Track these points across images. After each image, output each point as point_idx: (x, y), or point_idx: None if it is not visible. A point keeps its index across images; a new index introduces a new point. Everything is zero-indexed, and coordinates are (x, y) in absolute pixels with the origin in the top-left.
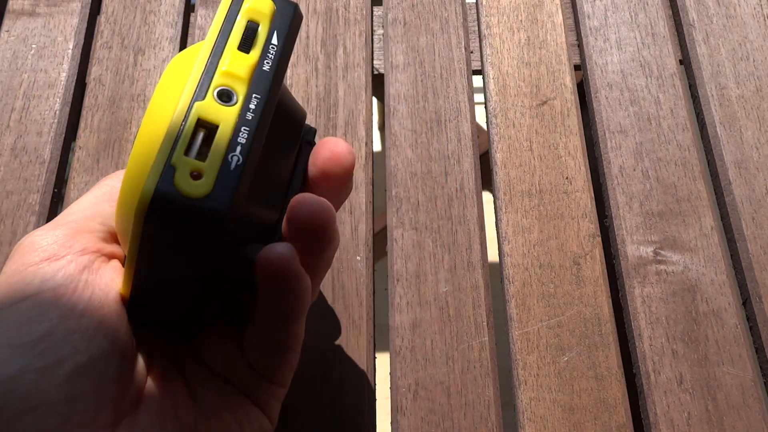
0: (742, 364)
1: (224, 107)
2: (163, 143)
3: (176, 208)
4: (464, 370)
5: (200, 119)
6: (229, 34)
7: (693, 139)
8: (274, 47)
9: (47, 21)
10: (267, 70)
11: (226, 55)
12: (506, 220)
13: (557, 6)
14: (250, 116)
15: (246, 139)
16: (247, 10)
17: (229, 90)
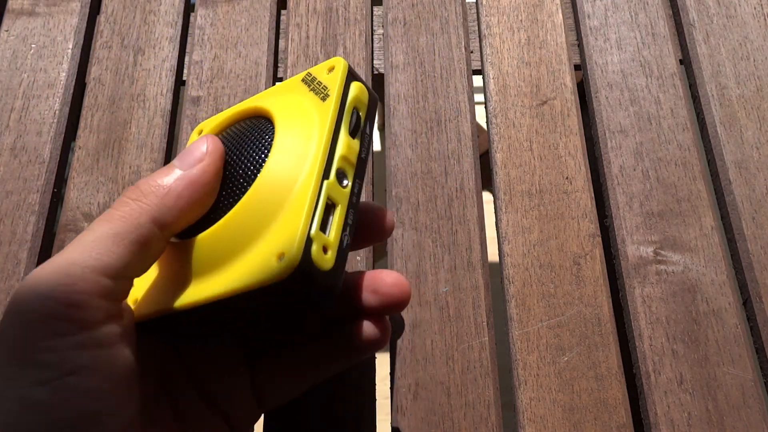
0: (742, 365)
1: (341, 189)
2: (305, 212)
3: (310, 277)
4: (464, 370)
5: (329, 197)
6: (342, 117)
7: (693, 139)
8: (367, 136)
9: (47, 21)
10: (363, 157)
11: (341, 139)
12: (506, 220)
13: (557, 6)
14: (354, 200)
15: (352, 221)
16: (354, 97)
17: (344, 173)
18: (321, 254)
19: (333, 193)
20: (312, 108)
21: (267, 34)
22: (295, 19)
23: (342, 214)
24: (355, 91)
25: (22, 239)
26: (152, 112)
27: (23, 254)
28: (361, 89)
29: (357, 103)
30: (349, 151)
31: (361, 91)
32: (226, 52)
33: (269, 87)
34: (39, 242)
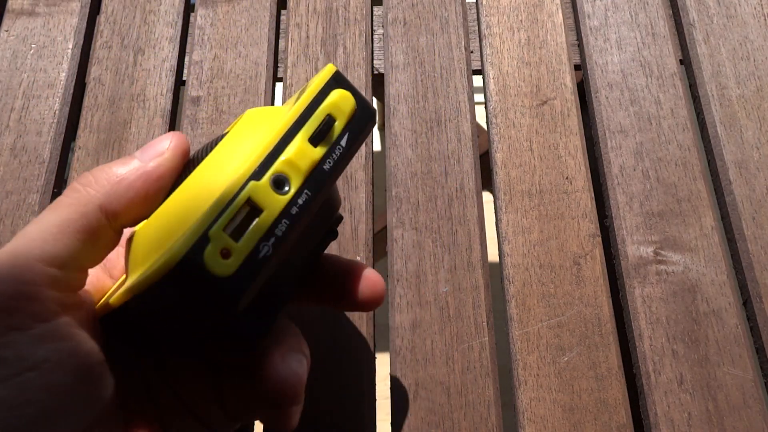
0: (742, 365)
1: (275, 194)
2: (209, 209)
3: (195, 279)
4: (464, 370)
5: (250, 199)
6: (306, 122)
7: (693, 139)
8: (340, 149)
9: (47, 21)
10: (326, 169)
11: (294, 143)
12: (506, 220)
13: (557, 6)
14: (295, 210)
15: (282, 233)
16: (331, 103)
17: (285, 179)
18: (216, 256)
19: (259, 196)
20: (279, 113)
21: (267, 34)
22: (295, 19)
23: (267, 220)
24: (334, 98)
25: None
26: (152, 112)
27: None
28: (344, 97)
29: (333, 109)
30: (300, 157)
31: (343, 99)
32: (226, 52)
33: (269, 87)
34: None
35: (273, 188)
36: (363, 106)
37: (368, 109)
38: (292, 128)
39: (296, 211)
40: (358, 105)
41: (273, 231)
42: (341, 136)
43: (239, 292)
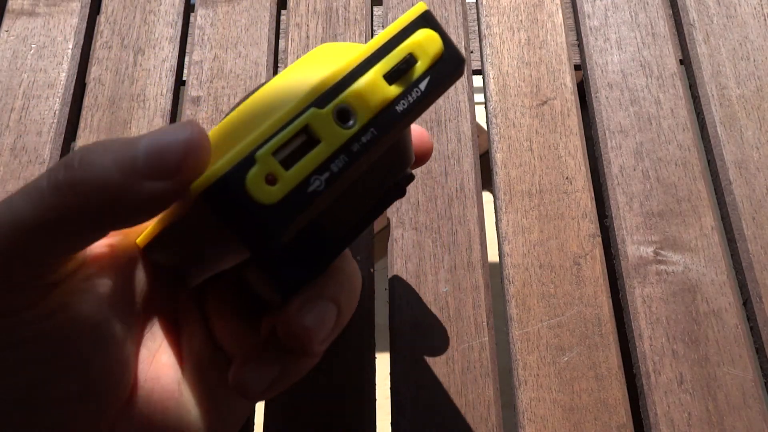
0: (742, 365)
1: (337, 126)
2: (260, 131)
3: (233, 203)
4: (464, 370)
5: (308, 126)
6: (383, 57)
7: (693, 139)
8: (418, 92)
9: (47, 21)
10: (399, 110)
11: (367, 76)
12: (506, 220)
13: (557, 6)
14: (356, 148)
15: (339, 169)
16: (414, 42)
17: (351, 111)
18: (260, 181)
19: (318, 124)
20: (356, 48)
21: (267, 34)
22: (295, 19)
23: (324, 153)
24: (420, 37)
25: None
26: (152, 112)
27: None
28: (430, 38)
29: (416, 49)
30: (371, 92)
31: (429, 40)
32: (226, 52)
33: None
34: None
35: (335, 120)
36: (451, 52)
37: (456, 56)
38: (367, 61)
39: (358, 149)
40: (445, 49)
41: (328, 165)
42: (421, 79)
43: (280, 225)
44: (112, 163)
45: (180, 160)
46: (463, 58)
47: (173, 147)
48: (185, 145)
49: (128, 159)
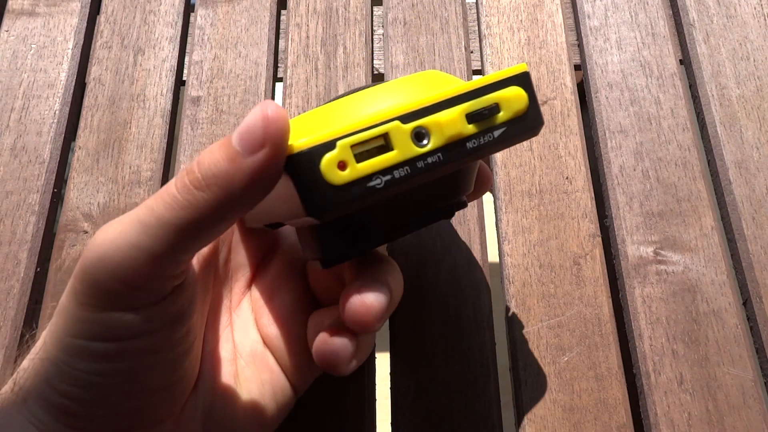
0: (742, 365)
1: (411, 142)
2: (349, 124)
3: (306, 174)
4: (464, 370)
5: (387, 134)
6: (471, 99)
7: (693, 139)
8: (490, 137)
9: (47, 21)
10: (468, 146)
11: (451, 110)
12: (506, 220)
13: (557, 6)
14: (420, 164)
15: (400, 177)
16: (504, 95)
17: (426, 134)
18: (333, 164)
19: (396, 135)
20: (455, 83)
21: (267, 34)
22: (295, 19)
23: (392, 159)
24: (510, 92)
25: (22, 239)
26: (152, 112)
27: (23, 254)
28: (519, 96)
29: (503, 101)
30: (449, 124)
31: (517, 97)
32: (226, 52)
33: (269, 87)
34: (39, 242)
35: (412, 136)
36: (533, 114)
37: (536, 119)
38: (457, 98)
39: (421, 166)
40: (529, 110)
41: (392, 171)
42: (497, 128)
43: (336, 203)
44: (220, 155)
45: (263, 131)
46: (541, 121)
47: (256, 123)
48: (263, 119)
49: (228, 146)
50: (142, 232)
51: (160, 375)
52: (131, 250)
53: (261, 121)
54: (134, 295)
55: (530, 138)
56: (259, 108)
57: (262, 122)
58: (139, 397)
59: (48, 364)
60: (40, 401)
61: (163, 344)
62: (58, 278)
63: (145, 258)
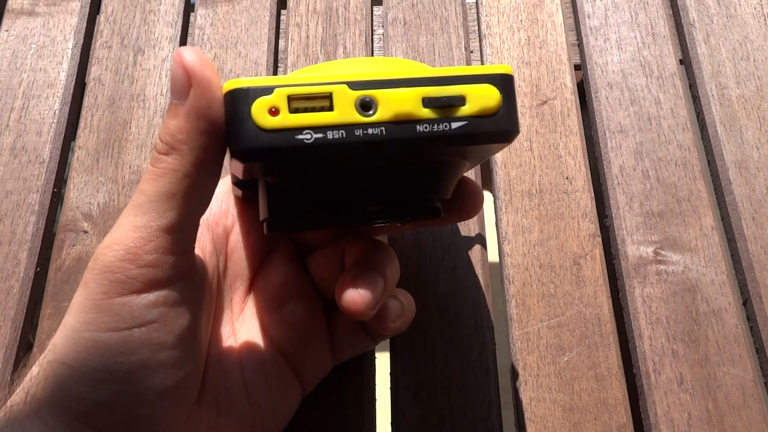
0: (742, 365)
1: (354, 108)
2: (295, 77)
3: (237, 111)
4: (464, 370)
5: (332, 95)
6: (435, 84)
7: (693, 139)
8: (445, 127)
9: (47, 20)
10: (418, 130)
11: (408, 89)
12: (506, 220)
13: (557, 6)
14: (358, 132)
15: (333, 138)
16: (473, 89)
17: (373, 105)
18: (264, 107)
19: (339, 98)
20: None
21: (267, 34)
22: (295, 19)
23: (328, 119)
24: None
25: (22, 239)
26: (152, 112)
27: (23, 254)
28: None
29: (470, 95)
30: (400, 101)
31: (488, 95)
32: (226, 52)
33: None
34: (39, 242)
35: (356, 103)
36: (505, 118)
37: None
38: (419, 79)
39: (358, 134)
40: (499, 112)
41: (325, 129)
42: (455, 120)
43: (256, 145)
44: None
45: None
46: (514, 128)
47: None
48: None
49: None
50: (138, 211)
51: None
52: (133, 229)
53: (179, 67)
54: (144, 275)
55: (499, 144)
56: (175, 55)
57: (180, 68)
58: (149, 402)
59: (58, 365)
60: (52, 408)
61: (170, 339)
62: (58, 278)
63: (147, 233)
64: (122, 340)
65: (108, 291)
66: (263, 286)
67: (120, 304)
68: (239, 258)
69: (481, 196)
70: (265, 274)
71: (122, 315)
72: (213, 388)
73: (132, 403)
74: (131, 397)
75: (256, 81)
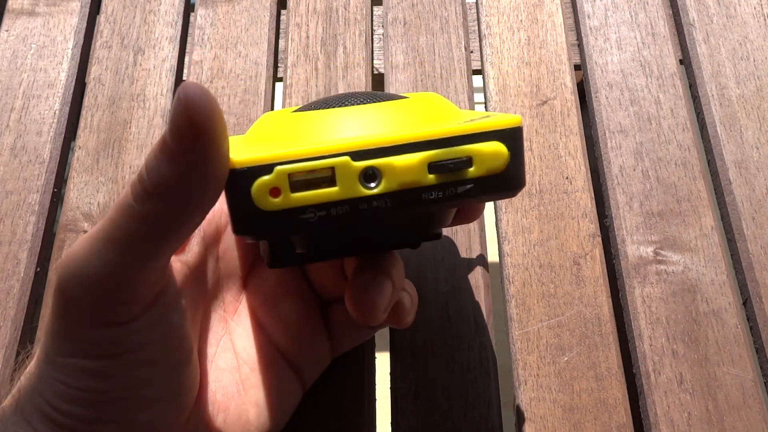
0: (742, 364)
1: (358, 181)
2: (294, 151)
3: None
4: (464, 370)
5: (334, 169)
6: (441, 147)
7: (693, 139)
8: (452, 192)
9: (47, 20)
10: (424, 198)
11: (413, 156)
12: (506, 220)
13: (557, 6)
14: (363, 207)
15: (337, 214)
16: (480, 149)
17: (378, 176)
18: (265, 189)
19: (342, 172)
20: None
21: (267, 34)
22: (295, 19)
23: (331, 196)
24: (489, 147)
25: (22, 239)
26: (152, 112)
27: (23, 254)
28: (498, 153)
29: (477, 155)
30: (405, 171)
31: (495, 154)
32: (226, 52)
33: (269, 87)
34: (39, 242)
35: (360, 176)
36: (513, 175)
37: (515, 180)
38: (424, 143)
39: (363, 208)
40: (507, 170)
41: (329, 207)
42: (463, 183)
43: (258, 230)
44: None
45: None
46: (521, 183)
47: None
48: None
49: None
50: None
51: (162, 387)
52: (103, 266)
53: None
54: (116, 309)
55: (505, 198)
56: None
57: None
58: (145, 409)
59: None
60: (45, 421)
61: (158, 355)
62: None
63: (118, 272)
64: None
65: (82, 324)
66: (257, 286)
67: (100, 335)
68: (232, 258)
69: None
70: (259, 273)
71: (103, 344)
72: (211, 386)
73: (129, 413)
74: (127, 410)
75: (254, 159)
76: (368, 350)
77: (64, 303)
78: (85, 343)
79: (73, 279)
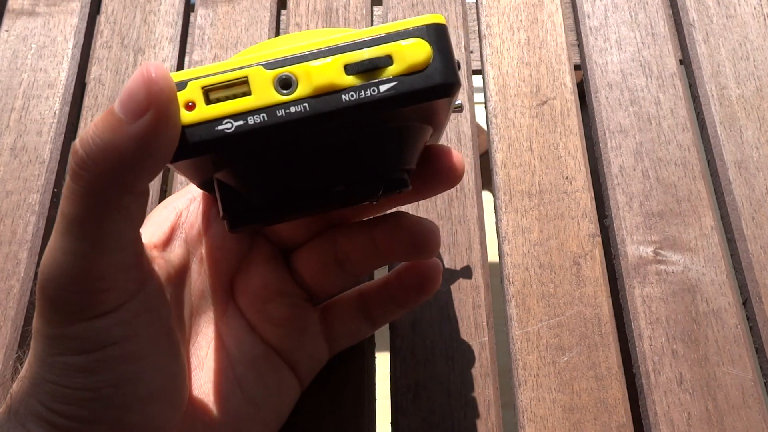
0: (742, 364)
1: (273, 88)
2: (208, 67)
3: None
4: (464, 370)
5: (247, 78)
6: (357, 49)
7: (693, 139)
8: (374, 91)
9: (47, 20)
10: (344, 100)
11: (327, 59)
12: (506, 220)
13: (557, 6)
14: (281, 113)
15: (254, 123)
16: (400, 46)
17: (293, 82)
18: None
19: (256, 80)
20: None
21: (267, 34)
22: (295, 19)
23: (247, 104)
24: (409, 44)
25: (22, 239)
26: None
27: (23, 254)
28: (420, 48)
29: (396, 53)
30: (319, 72)
31: (417, 50)
32: (226, 52)
33: None
34: (39, 242)
35: (274, 83)
36: (439, 70)
37: (442, 75)
38: (338, 48)
39: (281, 114)
40: (431, 66)
41: (245, 116)
42: (383, 83)
43: (182, 148)
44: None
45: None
46: (452, 79)
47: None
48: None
49: (110, 115)
50: (66, 237)
51: (151, 384)
52: (64, 257)
53: (143, 84)
54: (91, 300)
55: (441, 100)
56: (139, 70)
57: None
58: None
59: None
60: (40, 423)
61: (144, 350)
62: None
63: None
64: (95, 360)
65: (65, 320)
66: (244, 287)
67: (83, 328)
68: (216, 259)
69: (452, 157)
70: (246, 274)
71: (88, 338)
72: (204, 387)
73: (120, 413)
74: (118, 409)
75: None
76: (368, 350)
77: (44, 301)
78: (69, 339)
79: (47, 276)
